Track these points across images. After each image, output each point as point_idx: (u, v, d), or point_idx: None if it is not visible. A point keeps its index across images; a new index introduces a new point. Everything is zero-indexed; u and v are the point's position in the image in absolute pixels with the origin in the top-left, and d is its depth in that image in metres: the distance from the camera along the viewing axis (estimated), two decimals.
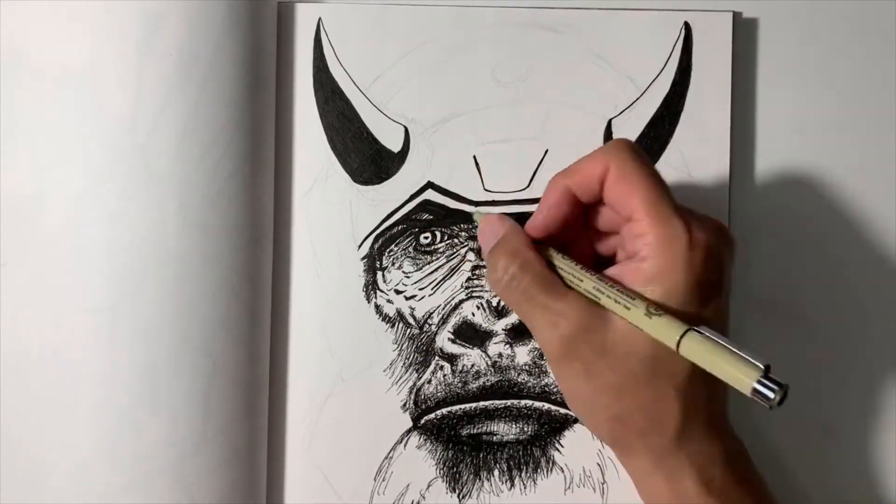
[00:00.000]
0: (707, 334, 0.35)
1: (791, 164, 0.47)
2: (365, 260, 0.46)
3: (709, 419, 0.38)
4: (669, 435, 0.38)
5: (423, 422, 0.46)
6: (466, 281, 0.46)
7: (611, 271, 0.39)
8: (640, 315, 0.36)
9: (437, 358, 0.46)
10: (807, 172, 0.47)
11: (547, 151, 0.46)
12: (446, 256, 0.46)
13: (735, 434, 0.40)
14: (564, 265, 0.39)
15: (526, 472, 0.46)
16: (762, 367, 0.33)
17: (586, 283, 0.38)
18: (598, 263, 0.41)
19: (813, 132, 0.47)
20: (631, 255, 0.38)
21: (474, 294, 0.46)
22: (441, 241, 0.46)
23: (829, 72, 0.47)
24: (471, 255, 0.46)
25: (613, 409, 0.38)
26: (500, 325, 0.45)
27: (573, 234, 0.41)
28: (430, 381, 0.46)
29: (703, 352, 0.34)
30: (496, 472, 0.46)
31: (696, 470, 0.38)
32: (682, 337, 0.35)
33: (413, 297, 0.46)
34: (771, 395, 0.32)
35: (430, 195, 0.46)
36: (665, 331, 0.35)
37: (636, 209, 0.37)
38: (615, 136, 0.46)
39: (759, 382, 0.32)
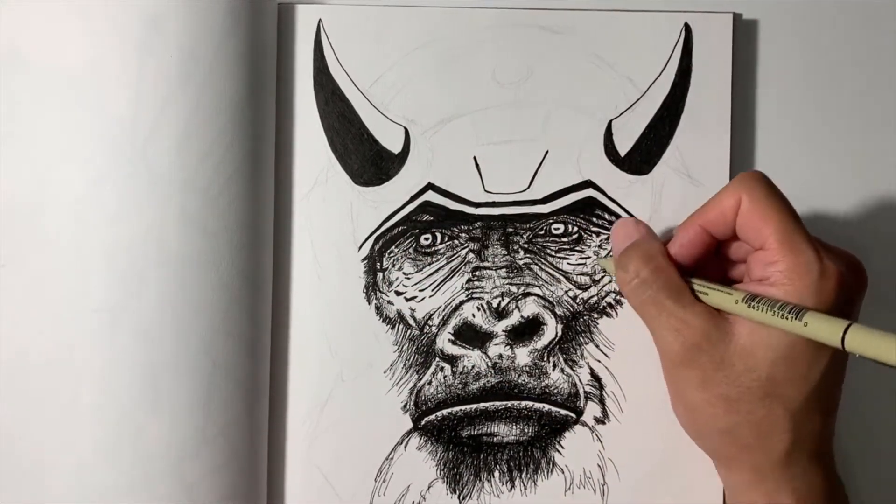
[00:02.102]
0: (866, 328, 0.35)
1: (791, 164, 0.47)
2: (365, 261, 0.46)
3: (816, 449, 0.39)
4: (775, 456, 0.38)
5: (423, 423, 0.46)
6: (467, 282, 0.46)
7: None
8: (797, 323, 0.36)
9: (437, 359, 0.46)
10: (807, 173, 0.47)
11: (547, 152, 0.46)
12: (447, 258, 0.46)
13: (837, 473, 0.41)
14: (701, 282, 0.40)
15: (526, 474, 0.46)
16: None
17: (735, 294, 0.38)
18: None
19: (813, 133, 0.47)
20: (760, 280, 0.38)
21: (475, 295, 0.46)
22: (441, 243, 0.46)
23: (829, 72, 0.47)
24: (471, 257, 0.46)
25: (723, 422, 0.39)
26: (500, 327, 0.46)
27: (702, 263, 0.42)
28: (430, 383, 0.46)
29: (871, 341, 0.34)
30: (496, 474, 0.46)
31: (796, 496, 0.38)
32: (846, 331, 0.34)
33: (413, 298, 0.46)
34: None
35: (431, 196, 0.46)
36: (828, 327, 0.35)
37: (768, 238, 0.38)
38: (615, 138, 0.46)
39: None
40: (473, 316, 0.46)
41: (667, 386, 0.42)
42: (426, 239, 0.46)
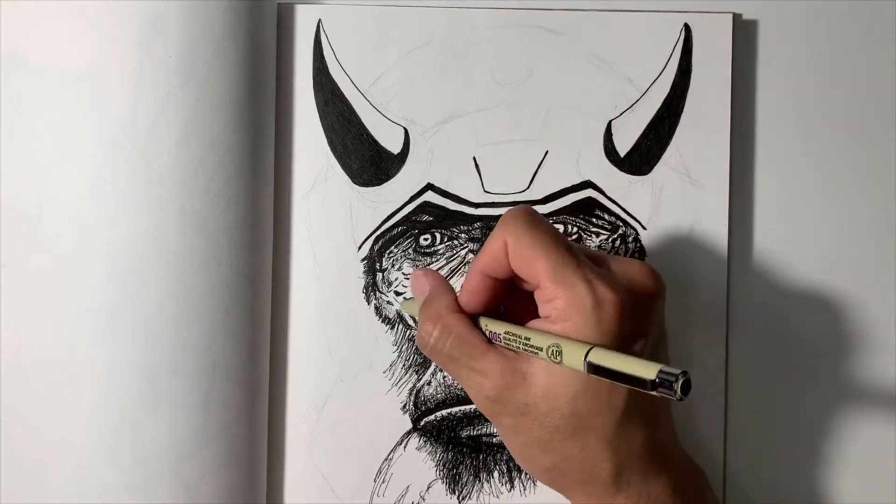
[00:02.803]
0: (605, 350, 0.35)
1: (791, 164, 0.47)
2: (365, 261, 0.46)
3: (648, 459, 0.38)
4: (604, 482, 0.38)
5: (422, 423, 0.46)
6: None
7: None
8: (549, 354, 0.36)
9: None
10: (807, 173, 0.47)
11: (547, 153, 0.46)
12: (446, 258, 0.46)
13: (688, 463, 0.41)
14: (486, 321, 0.39)
15: (526, 474, 0.46)
16: (658, 366, 0.32)
17: (497, 326, 0.38)
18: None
19: (813, 133, 0.47)
20: (545, 318, 0.38)
21: None
22: (441, 243, 0.46)
23: (829, 73, 0.47)
24: (470, 257, 0.46)
25: (544, 462, 0.38)
26: None
27: (506, 300, 0.41)
28: (429, 383, 0.46)
29: (608, 361, 0.34)
30: (496, 474, 0.46)
31: None
32: (587, 354, 0.34)
33: (413, 298, 0.46)
34: (672, 383, 0.32)
35: (430, 197, 0.46)
36: (573, 353, 0.35)
37: (541, 276, 0.37)
38: (615, 138, 0.46)
39: (660, 376, 0.32)
40: None
41: None
42: (426, 239, 0.46)
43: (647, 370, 0.32)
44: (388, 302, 0.46)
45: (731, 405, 0.46)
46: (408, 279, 0.46)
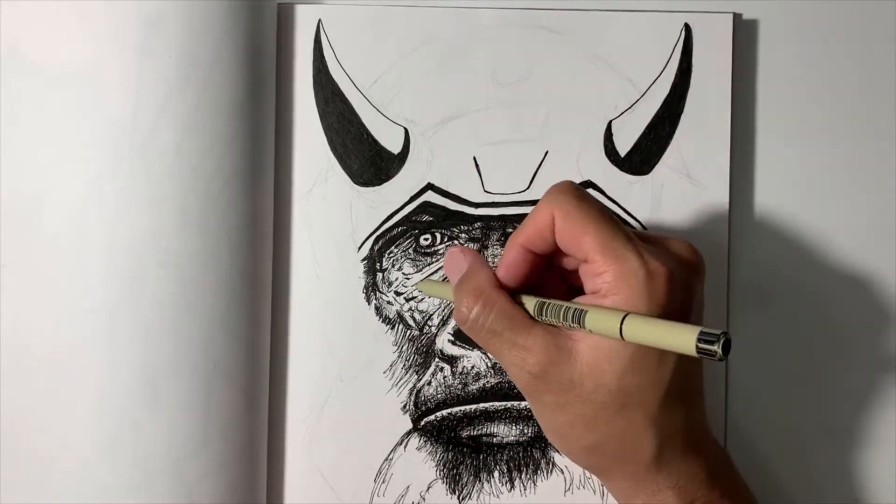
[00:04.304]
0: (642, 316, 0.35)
1: (791, 164, 0.47)
2: (365, 261, 0.46)
3: (687, 439, 0.38)
4: (645, 461, 0.38)
5: (423, 423, 0.46)
6: None
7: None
8: (577, 319, 0.36)
9: (437, 359, 0.46)
10: (807, 173, 0.47)
11: (547, 153, 0.46)
12: None
13: (718, 447, 0.41)
14: (526, 297, 0.39)
15: (526, 474, 0.46)
16: (698, 328, 0.32)
17: (530, 303, 0.38)
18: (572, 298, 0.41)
19: (813, 133, 0.47)
20: (593, 293, 0.38)
21: None
22: (441, 243, 0.46)
23: (829, 73, 0.47)
24: None
25: (587, 440, 0.38)
26: None
27: (541, 278, 0.41)
28: (430, 383, 0.46)
29: (644, 329, 0.34)
30: (496, 474, 0.46)
31: (678, 491, 0.38)
32: (622, 322, 0.34)
33: (413, 298, 0.46)
34: (713, 347, 0.32)
35: (430, 197, 0.46)
36: (606, 322, 0.35)
37: (589, 250, 0.37)
38: (615, 138, 0.46)
39: (700, 340, 0.32)
40: None
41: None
42: (426, 239, 0.46)
43: (688, 331, 0.32)
44: (389, 302, 0.46)
45: (732, 406, 0.46)
46: (408, 279, 0.46)
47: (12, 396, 0.43)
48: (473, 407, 0.46)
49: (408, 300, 0.46)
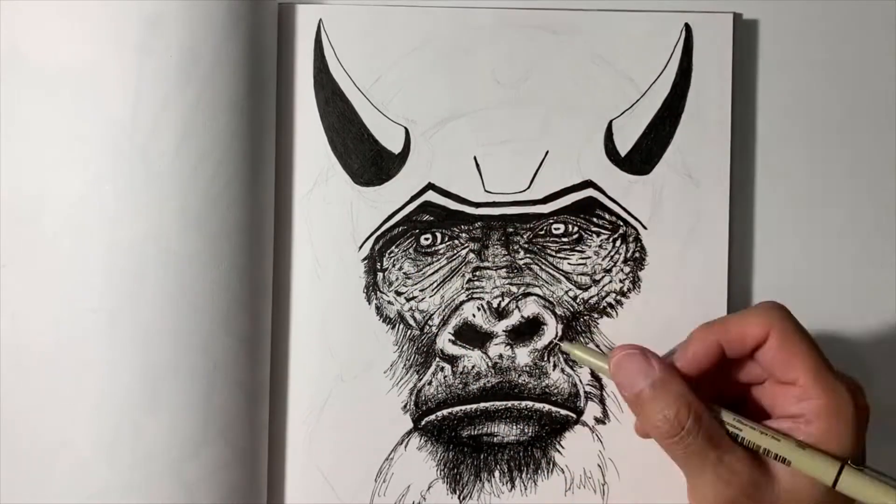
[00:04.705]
0: (858, 467, 0.37)
1: (791, 164, 0.47)
2: (365, 261, 0.46)
3: None
4: None
5: (423, 423, 0.46)
6: (467, 282, 0.46)
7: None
8: (797, 453, 0.37)
9: (437, 359, 0.46)
10: (808, 173, 0.47)
11: (547, 153, 0.46)
12: (447, 258, 0.46)
13: None
14: (726, 415, 0.39)
15: (526, 474, 0.46)
16: None
17: (749, 433, 0.39)
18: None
19: (813, 133, 0.47)
20: (792, 417, 0.39)
21: (475, 295, 0.46)
22: (442, 243, 0.46)
23: (829, 73, 0.47)
24: (471, 257, 0.46)
25: None
26: (500, 327, 0.45)
27: (704, 380, 0.41)
28: (430, 383, 0.46)
29: (862, 485, 0.36)
30: (497, 474, 0.46)
31: None
32: (840, 470, 0.36)
33: (414, 298, 0.46)
34: None
35: (431, 196, 0.46)
36: (822, 465, 0.37)
37: (799, 376, 0.38)
38: (616, 138, 0.46)
39: None
40: (474, 316, 0.46)
41: None
42: (426, 239, 0.46)
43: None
44: (389, 302, 0.46)
45: None
46: (408, 278, 0.46)
47: (12, 396, 0.43)
48: (474, 406, 0.46)
49: (408, 300, 0.46)
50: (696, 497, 0.40)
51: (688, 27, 0.46)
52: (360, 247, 0.46)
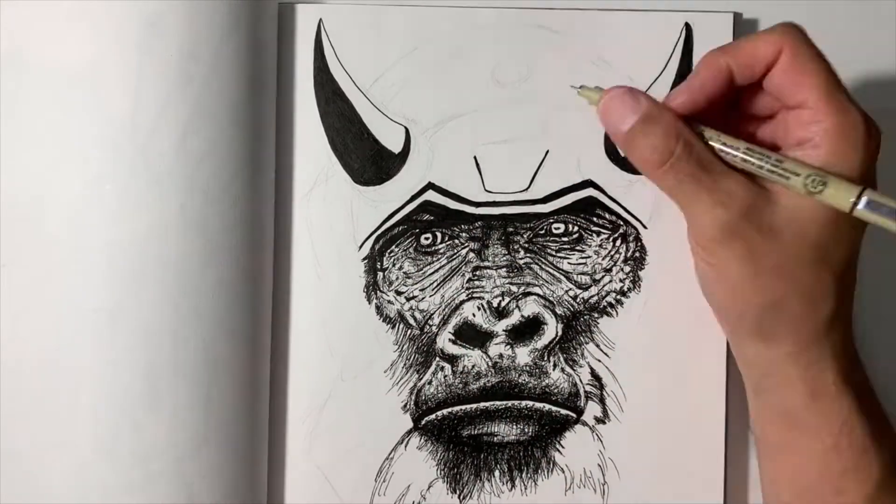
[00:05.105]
0: (879, 195, 0.34)
1: None
2: (365, 261, 0.46)
3: (849, 310, 0.37)
4: (819, 323, 0.36)
5: (423, 422, 0.46)
6: (467, 282, 0.46)
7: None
8: (805, 182, 0.34)
9: (437, 359, 0.46)
10: None
11: (548, 152, 0.46)
12: (447, 257, 0.46)
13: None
14: (716, 139, 0.37)
15: (526, 473, 0.46)
16: None
17: (746, 154, 0.36)
18: None
19: None
20: (799, 143, 0.36)
21: (475, 295, 0.46)
22: (442, 242, 0.46)
23: None
24: (471, 256, 0.46)
25: (770, 294, 0.36)
26: (500, 326, 0.45)
27: (714, 116, 0.38)
28: (430, 382, 0.46)
29: (886, 211, 0.33)
30: (497, 473, 0.46)
31: (837, 363, 0.37)
32: (860, 194, 0.33)
33: (414, 297, 0.46)
34: None
35: (431, 196, 0.46)
36: (840, 192, 0.34)
37: (809, 96, 0.36)
38: None
39: None
40: (474, 315, 0.46)
41: (701, 272, 0.39)
42: (426, 238, 0.46)
43: None
44: (389, 301, 0.46)
45: (731, 403, 0.46)
46: (409, 278, 0.46)
47: (12, 396, 0.43)
48: (474, 406, 0.46)
49: (408, 299, 0.46)
50: (694, 230, 0.38)
51: (688, 27, 0.46)
52: (360, 246, 0.46)
